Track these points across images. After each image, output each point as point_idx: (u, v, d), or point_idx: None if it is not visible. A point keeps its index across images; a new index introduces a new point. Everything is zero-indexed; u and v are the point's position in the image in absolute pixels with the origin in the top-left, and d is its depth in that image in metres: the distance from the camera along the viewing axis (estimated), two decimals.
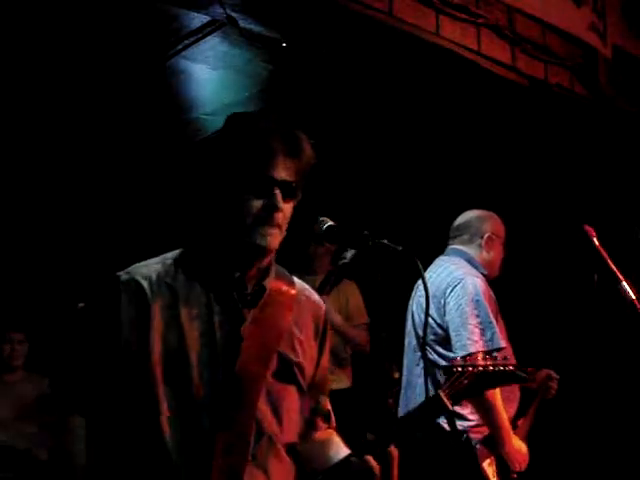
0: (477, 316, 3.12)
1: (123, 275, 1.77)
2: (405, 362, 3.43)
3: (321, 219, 1.74)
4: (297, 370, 1.85)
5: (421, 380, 3.25)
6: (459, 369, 2.07)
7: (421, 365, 3.28)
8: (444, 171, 5.10)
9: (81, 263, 5.11)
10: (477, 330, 3.10)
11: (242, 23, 3.46)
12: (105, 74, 4.02)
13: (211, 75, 4.15)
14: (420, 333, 3.29)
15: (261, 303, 1.82)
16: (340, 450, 1.91)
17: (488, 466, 3.13)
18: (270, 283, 1.85)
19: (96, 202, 5.24)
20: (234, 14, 3.39)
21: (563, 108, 4.46)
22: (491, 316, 3.17)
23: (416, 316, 3.38)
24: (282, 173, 1.76)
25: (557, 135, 4.62)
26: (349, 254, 3.79)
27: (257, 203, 1.75)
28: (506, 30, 4.09)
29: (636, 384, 4.37)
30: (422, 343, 3.13)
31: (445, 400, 2.03)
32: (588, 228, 2.44)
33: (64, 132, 4.63)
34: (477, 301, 3.16)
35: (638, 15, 4.80)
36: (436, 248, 3.48)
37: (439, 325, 3.22)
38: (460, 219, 3.50)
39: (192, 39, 3.75)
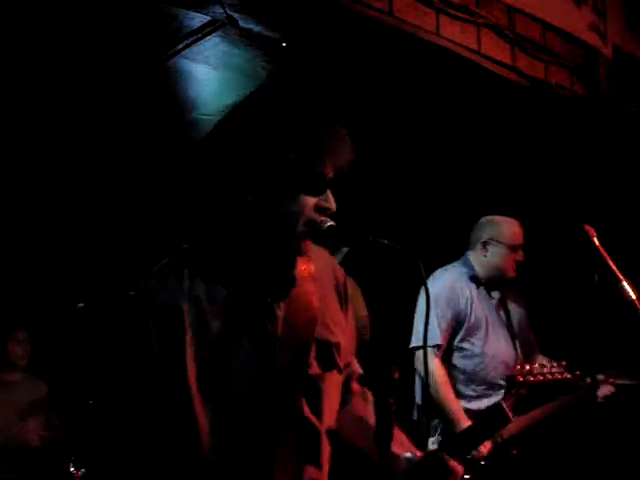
0: None
1: (142, 296, 1.63)
2: None
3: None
4: (335, 351, 1.75)
5: None
6: (521, 379, 2.06)
7: None
8: (443, 171, 5.10)
9: (83, 263, 5.11)
10: None
11: (242, 23, 3.46)
12: (105, 74, 4.02)
13: (211, 75, 4.14)
14: None
15: (290, 293, 1.70)
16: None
17: None
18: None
19: (97, 202, 5.23)
20: (234, 14, 3.39)
21: (563, 108, 4.46)
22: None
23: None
24: (331, 172, 1.69)
25: (557, 135, 4.62)
26: (339, 257, 3.81)
27: (310, 201, 1.65)
28: (506, 30, 4.09)
29: (636, 384, 4.36)
30: (423, 342, 3.13)
31: (507, 411, 1.99)
32: (588, 228, 2.44)
33: (65, 131, 4.63)
34: None
35: (638, 15, 4.79)
36: (434, 247, 3.49)
37: None
38: None
39: (192, 39, 3.74)
